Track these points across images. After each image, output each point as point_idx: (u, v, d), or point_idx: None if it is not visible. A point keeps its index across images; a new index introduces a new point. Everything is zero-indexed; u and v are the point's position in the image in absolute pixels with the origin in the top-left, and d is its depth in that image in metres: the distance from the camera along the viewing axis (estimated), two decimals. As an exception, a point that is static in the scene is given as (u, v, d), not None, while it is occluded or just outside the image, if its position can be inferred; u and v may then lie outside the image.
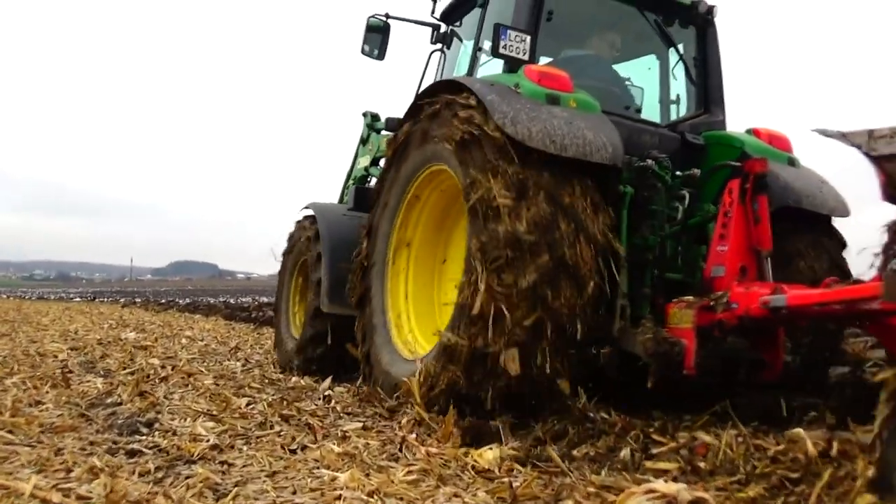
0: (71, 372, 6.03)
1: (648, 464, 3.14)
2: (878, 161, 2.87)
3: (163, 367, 6.23)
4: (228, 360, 7.30)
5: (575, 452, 3.37)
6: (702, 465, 3.05)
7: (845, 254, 4.64)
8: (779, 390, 3.99)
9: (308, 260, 6.26)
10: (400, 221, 4.85)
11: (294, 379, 5.55)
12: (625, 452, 3.32)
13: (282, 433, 3.63)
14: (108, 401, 4.62)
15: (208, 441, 3.43)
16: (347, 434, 3.59)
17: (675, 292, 4.11)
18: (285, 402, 4.41)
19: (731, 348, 3.75)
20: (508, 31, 4.48)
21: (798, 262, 4.36)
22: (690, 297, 3.89)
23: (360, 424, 3.82)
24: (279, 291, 7.08)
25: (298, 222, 6.70)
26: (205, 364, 6.74)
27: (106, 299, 34.96)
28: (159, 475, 2.93)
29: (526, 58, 4.50)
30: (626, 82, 5.40)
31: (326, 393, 4.66)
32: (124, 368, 6.19)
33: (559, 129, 3.82)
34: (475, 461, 3.06)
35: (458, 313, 3.87)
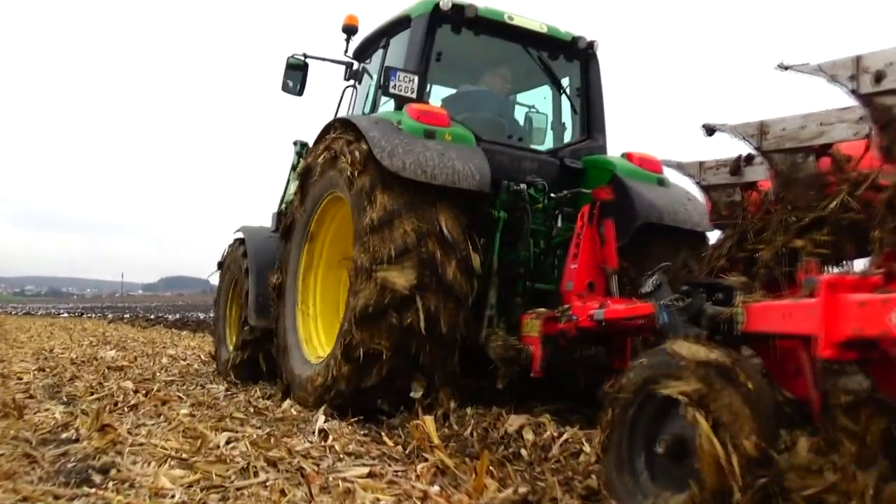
0: (31, 398, 5.37)
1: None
2: (707, 190, 3.23)
3: (135, 391, 5.54)
4: (211, 382, 6.54)
5: None
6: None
7: None
8: None
9: (239, 279, 6.76)
10: (308, 242, 5.28)
11: (284, 406, 4.79)
12: None
13: (268, 484, 2.86)
14: (63, 436, 3.93)
15: (173, 497, 2.70)
16: (350, 485, 2.82)
17: (549, 302, 4.50)
18: (272, 440, 3.63)
19: (580, 355, 4.22)
20: (398, 73, 4.90)
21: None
22: (541, 309, 4.34)
23: (366, 470, 3.06)
24: (216, 308, 7.56)
25: (231, 244, 7.13)
26: (184, 388, 6.02)
27: (94, 315, 34.09)
28: (102, 551, 2.21)
29: (414, 96, 4.90)
30: (531, 110, 5.89)
31: (322, 427, 3.87)
32: (92, 393, 5.52)
33: (431, 161, 4.26)
34: (527, 533, 2.29)
35: (341, 330, 4.37)
